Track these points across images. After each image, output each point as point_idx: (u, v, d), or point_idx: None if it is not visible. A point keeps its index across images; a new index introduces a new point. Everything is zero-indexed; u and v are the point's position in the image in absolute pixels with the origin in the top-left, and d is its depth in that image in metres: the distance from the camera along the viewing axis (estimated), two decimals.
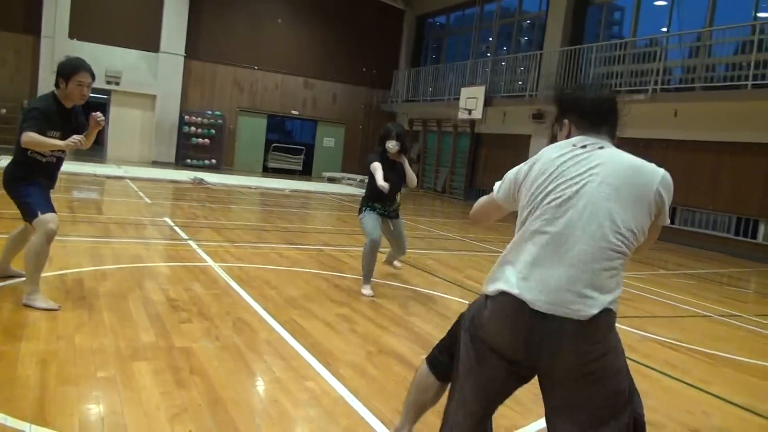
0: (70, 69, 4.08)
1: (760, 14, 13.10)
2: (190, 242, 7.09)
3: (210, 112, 20.87)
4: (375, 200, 5.64)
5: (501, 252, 2.17)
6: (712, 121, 12.32)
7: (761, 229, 11.84)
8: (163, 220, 8.60)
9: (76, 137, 3.98)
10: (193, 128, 20.47)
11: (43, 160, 4.22)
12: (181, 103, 20.50)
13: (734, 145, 12.15)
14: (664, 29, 14.81)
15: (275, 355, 3.70)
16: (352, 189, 18.49)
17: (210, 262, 6.12)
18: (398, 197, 5.83)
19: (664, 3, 15.16)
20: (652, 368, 4.24)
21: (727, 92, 12.07)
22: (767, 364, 4.70)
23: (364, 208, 5.70)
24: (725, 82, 12.54)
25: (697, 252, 11.86)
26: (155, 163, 19.92)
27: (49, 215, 4.07)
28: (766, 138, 11.64)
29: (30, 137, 3.93)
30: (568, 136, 2.20)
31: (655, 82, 13.25)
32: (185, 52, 20.29)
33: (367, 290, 5.52)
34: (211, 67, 21.03)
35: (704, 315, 6.17)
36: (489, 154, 19.23)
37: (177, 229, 7.95)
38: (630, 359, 4.40)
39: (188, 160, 20.38)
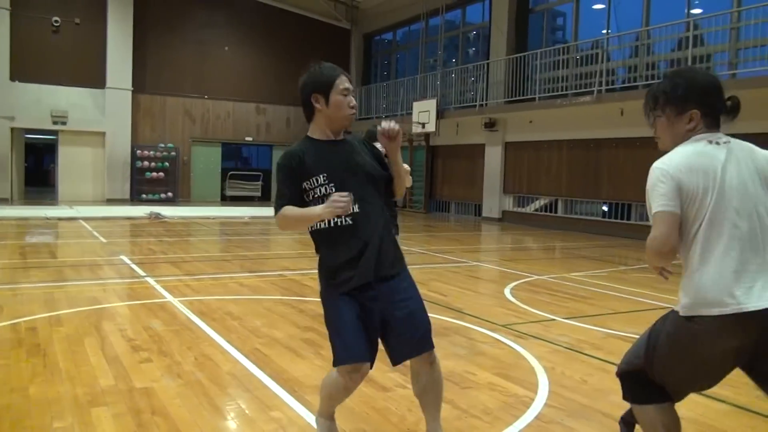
0: (329, 76, 2.67)
1: (693, 11, 13.57)
2: (148, 279, 6.95)
3: (162, 145, 20.63)
4: None
5: (464, 262, 2.18)
6: None
7: None
8: (119, 259, 8.42)
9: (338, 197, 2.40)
10: (146, 162, 20.20)
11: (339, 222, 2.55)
12: (131, 137, 20.23)
13: None
14: (605, 31, 15.22)
15: (239, 387, 3.64)
16: None
17: (169, 297, 6.00)
18: None
19: (602, 6, 15.59)
20: (617, 365, 4.27)
21: None
22: None
23: None
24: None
25: None
26: (110, 201, 19.56)
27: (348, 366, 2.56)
28: None
29: (279, 219, 2.56)
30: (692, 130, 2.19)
31: (600, 83, 13.57)
32: (132, 86, 20.07)
33: None
34: (160, 100, 20.81)
35: (665, 307, 6.27)
36: (446, 166, 19.42)
37: (134, 266, 7.79)
38: (594, 357, 4.47)
39: (143, 195, 20.07)
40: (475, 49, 20.44)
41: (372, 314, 2.58)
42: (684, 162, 2.09)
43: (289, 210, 2.52)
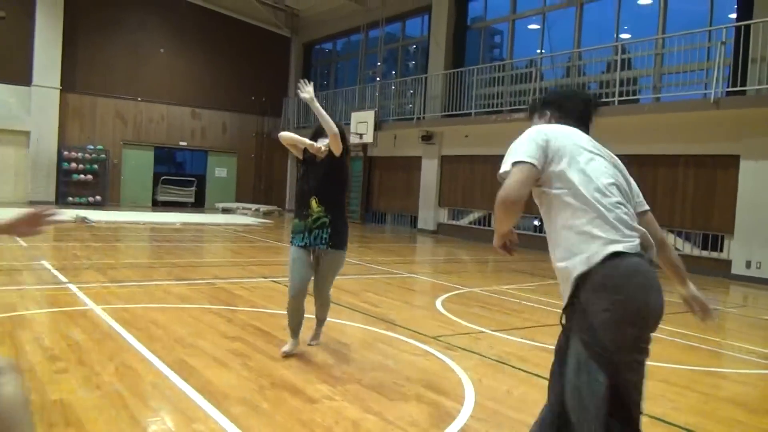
0: None
1: (622, 35, 14.15)
2: (70, 285, 6.67)
3: (92, 147, 19.93)
4: (295, 215, 4.53)
5: (398, 274, 2.19)
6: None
7: None
8: (39, 264, 8.06)
9: None
10: (73, 164, 19.45)
11: None
12: (58, 138, 19.45)
13: None
14: (539, 51, 15.67)
15: (161, 398, 3.53)
16: (247, 219, 18.16)
17: (91, 305, 5.78)
18: (320, 209, 4.37)
19: (536, 27, 16.05)
20: (542, 377, 4.37)
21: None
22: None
23: (291, 239, 4.52)
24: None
25: None
26: (33, 203, 18.71)
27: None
28: (634, 150, 12.50)
29: None
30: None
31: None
32: (61, 85, 19.32)
33: (286, 347, 4.51)
34: (90, 100, 20.12)
35: None
36: (382, 177, 19.51)
37: (55, 272, 7.47)
38: (520, 369, 4.54)
39: (70, 198, 19.32)
40: (414, 62, 20.68)
41: None
42: None
43: None
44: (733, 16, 11.81)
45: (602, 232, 2.05)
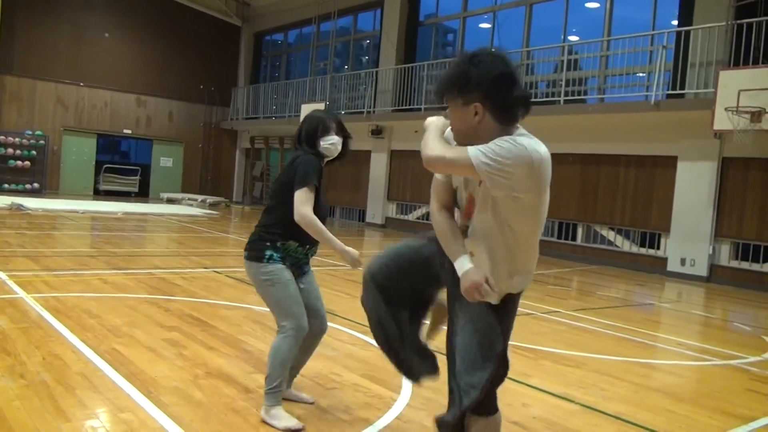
0: None
1: (571, 37, 14.42)
2: None
3: (30, 132, 19.17)
4: (292, 236, 3.31)
5: (342, 266, 2.17)
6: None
7: (579, 231, 12.96)
8: None
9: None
10: (9, 150, 18.69)
11: None
12: None
13: (553, 156, 13.18)
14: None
15: (89, 388, 3.41)
16: (192, 210, 17.82)
17: (21, 293, 5.56)
18: None
19: (487, 25, 16.22)
20: None
21: (544, 107, 13.10)
22: (580, 354, 5.10)
23: (271, 255, 3.22)
24: (543, 98, 13.62)
25: None
26: None
27: None
28: (578, 149, 12.79)
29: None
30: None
31: None
32: None
33: (286, 422, 3.05)
34: (29, 83, 19.35)
35: (528, 313, 6.60)
36: (331, 170, 19.36)
37: None
38: None
39: (5, 185, 18.57)
40: (367, 56, 20.63)
41: None
42: None
43: None
44: (675, 22, 12.18)
45: None
